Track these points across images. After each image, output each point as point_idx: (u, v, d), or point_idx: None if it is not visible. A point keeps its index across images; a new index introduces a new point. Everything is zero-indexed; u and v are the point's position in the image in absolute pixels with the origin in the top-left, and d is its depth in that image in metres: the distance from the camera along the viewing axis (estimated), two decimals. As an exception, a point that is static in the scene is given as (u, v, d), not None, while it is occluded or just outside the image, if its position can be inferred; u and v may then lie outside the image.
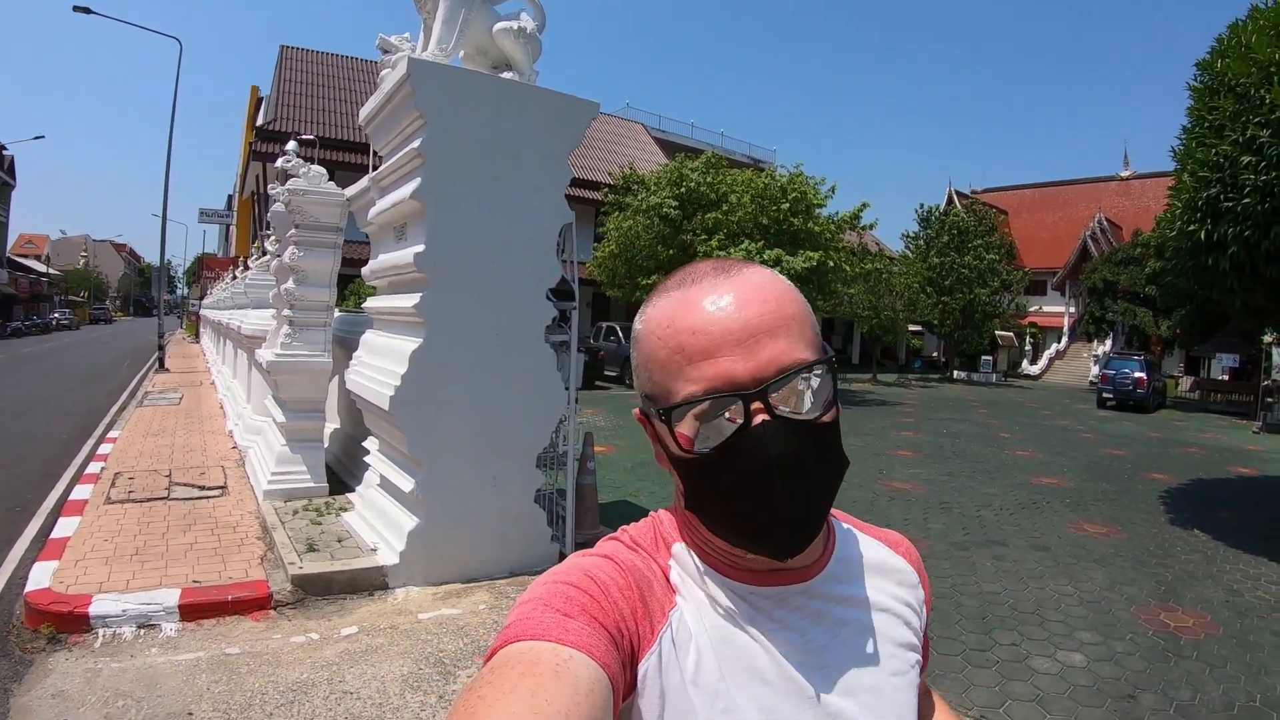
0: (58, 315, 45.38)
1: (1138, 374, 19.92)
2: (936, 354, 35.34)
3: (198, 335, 30.20)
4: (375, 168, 5.25)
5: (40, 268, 52.35)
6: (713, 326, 0.59)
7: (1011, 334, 32.68)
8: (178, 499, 5.87)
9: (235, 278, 17.43)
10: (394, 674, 3.34)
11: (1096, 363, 27.41)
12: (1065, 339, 33.95)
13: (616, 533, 0.71)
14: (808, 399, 0.61)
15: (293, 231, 6.01)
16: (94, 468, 6.95)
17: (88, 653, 3.47)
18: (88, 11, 16.78)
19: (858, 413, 16.14)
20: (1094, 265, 29.29)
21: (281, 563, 4.43)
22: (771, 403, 0.58)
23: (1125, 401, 19.98)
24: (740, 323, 0.59)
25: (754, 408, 0.58)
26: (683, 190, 17.28)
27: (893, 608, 0.72)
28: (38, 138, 46.61)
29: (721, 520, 0.62)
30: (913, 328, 31.66)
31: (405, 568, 4.35)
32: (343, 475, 6.52)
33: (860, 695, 0.65)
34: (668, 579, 0.66)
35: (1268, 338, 18.28)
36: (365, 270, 5.31)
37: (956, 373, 30.58)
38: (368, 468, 5.16)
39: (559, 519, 5.14)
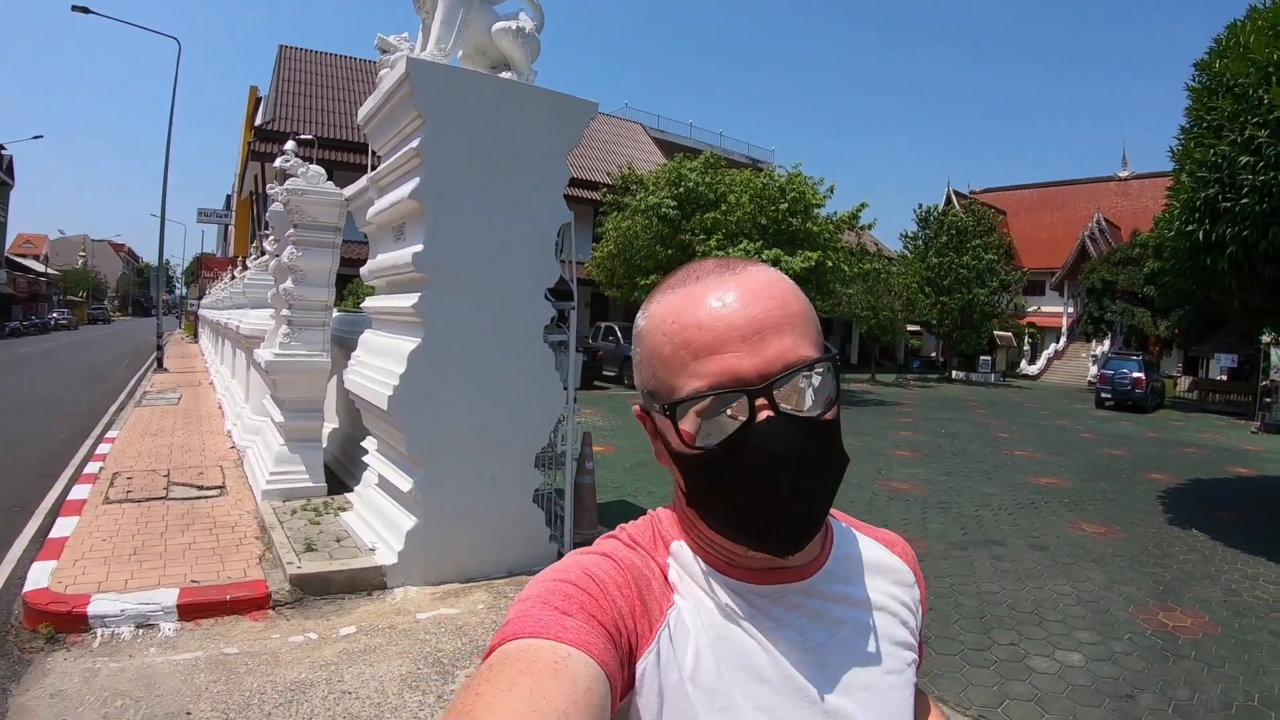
0: (56, 315, 45.35)
1: (1136, 374, 19.95)
2: (935, 354, 35.34)
3: (196, 335, 30.19)
4: (374, 167, 5.24)
5: (39, 268, 52.28)
6: (718, 322, 0.59)
7: (1010, 334, 32.69)
8: (176, 499, 5.86)
9: (234, 277, 17.44)
10: (392, 674, 3.34)
11: (1095, 363, 27.46)
12: (1064, 339, 33.98)
13: (615, 531, 0.71)
14: (810, 396, 0.61)
15: (291, 231, 6.00)
16: (92, 468, 6.94)
17: (86, 652, 3.47)
18: (86, 11, 16.77)
19: (856, 413, 16.14)
20: (1092, 265, 29.33)
21: (280, 562, 4.43)
22: (775, 399, 0.58)
23: (1124, 401, 20.02)
24: (746, 319, 0.59)
25: (759, 404, 0.58)
26: (681, 190, 17.28)
27: (890, 607, 0.72)
28: (36, 137, 46.83)
29: (723, 517, 0.62)
30: (911, 328, 31.72)
31: (404, 567, 4.35)
32: (341, 475, 6.51)
33: (857, 693, 0.66)
34: (666, 577, 0.65)
35: (1266, 338, 18.28)
36: (364, 270, 5.31)
37: (955, 373, 30.61)
38: (366, 467, 5.15)
39: (557, 519, 5.14)
